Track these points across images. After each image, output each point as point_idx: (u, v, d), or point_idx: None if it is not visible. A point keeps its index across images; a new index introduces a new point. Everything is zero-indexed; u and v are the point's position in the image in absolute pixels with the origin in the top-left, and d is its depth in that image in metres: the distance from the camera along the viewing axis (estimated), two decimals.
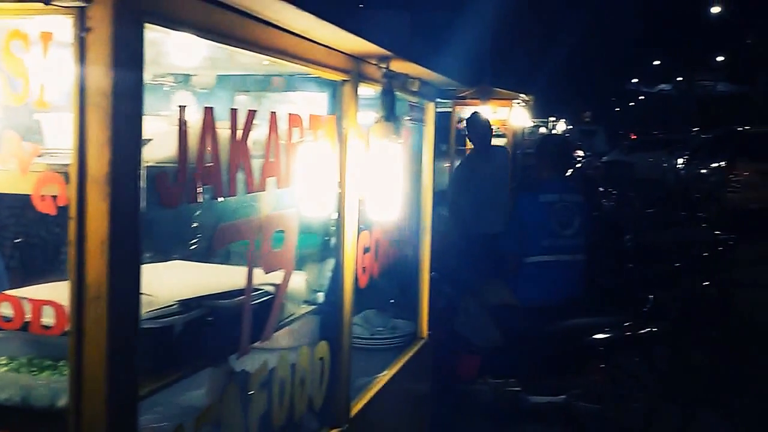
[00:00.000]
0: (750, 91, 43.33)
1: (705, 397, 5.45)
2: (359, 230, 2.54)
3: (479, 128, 6.82)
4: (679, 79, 47.97)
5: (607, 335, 4.49)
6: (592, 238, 7.43)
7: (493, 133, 7.38)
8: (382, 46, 2.17)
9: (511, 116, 9.57)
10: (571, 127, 35.93)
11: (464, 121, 7.11)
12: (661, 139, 27.43)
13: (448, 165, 9.94)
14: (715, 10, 40.32)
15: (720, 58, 47.85)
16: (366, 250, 2.62)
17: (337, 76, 2.24)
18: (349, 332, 2.41)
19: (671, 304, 5.47)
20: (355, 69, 2.30)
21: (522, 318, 4.62)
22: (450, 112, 9.80)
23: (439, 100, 10.31)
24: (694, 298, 6.96)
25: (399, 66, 2.48)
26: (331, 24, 1.83)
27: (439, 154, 11.67)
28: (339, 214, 2.30)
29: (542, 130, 21.00)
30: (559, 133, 22.79)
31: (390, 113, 2.39)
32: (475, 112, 7.25)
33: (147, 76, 2.26)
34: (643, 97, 51.66)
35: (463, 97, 9.07)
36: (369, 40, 2.06)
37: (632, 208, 9.32)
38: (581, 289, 4.74)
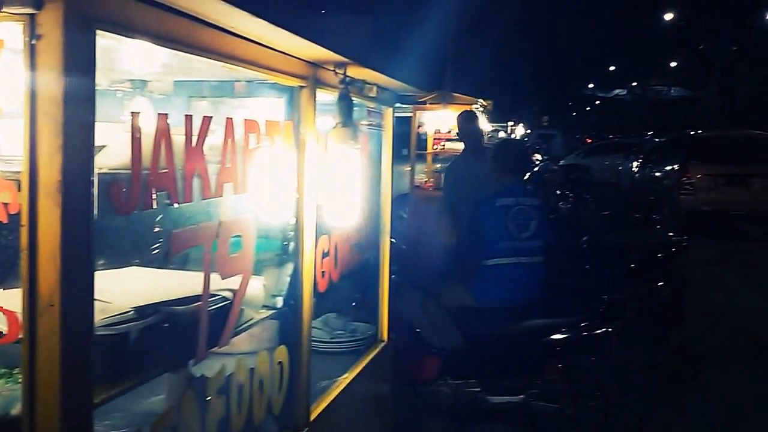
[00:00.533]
0: (702, 95, 44.26)
1: (661, 394, 5.56)
2: (318, 235, 2.54)
3: (471, 127, 6.61)
4: (633, 84, 48.85)
5: (565, 335, 4.55)
6: (549, 240, 7.54)
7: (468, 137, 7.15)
8: (338, 53, 2.17)
9: None
10: (530, 131, 36.36)
11: (457, 121, 6.86)
12: (616, 142, 27.88)
13: (408, 169, 9.99)
14: (669, 16, 41.12)
15: (673, 64, 48.80)
16: (325, 255, 2.63)
17: (294, 82, 2.24)
18: (309, 336, 2.42)
19: (626, 304, 5.57)
20: (313, 75, 2.31)
21: (481, 319, 4.65)
22: (410, 116, 9.86)
23: (398, 105, 10.29)
24: (648, 298, 7.11)
25: (356, 72, 2.49)
26: (287, 31, 1.84)
27: (399, 158, 11.73)
28: (297, 219, 2.30)
29: (501, 134, 21.20)
30: (517, 137, 23.00)
31: (347, 119, 2.40)
32: (467, 110, 7.08)
33: (104, 82, 2.25)
34: (599, 102, 52.50)
35: (423, 102, 9.15)
36: (325, 47, 2.07)
37: (588, 210, 9.46)
38: (539, 291, 4.79)
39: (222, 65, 1.85)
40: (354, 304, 3.66)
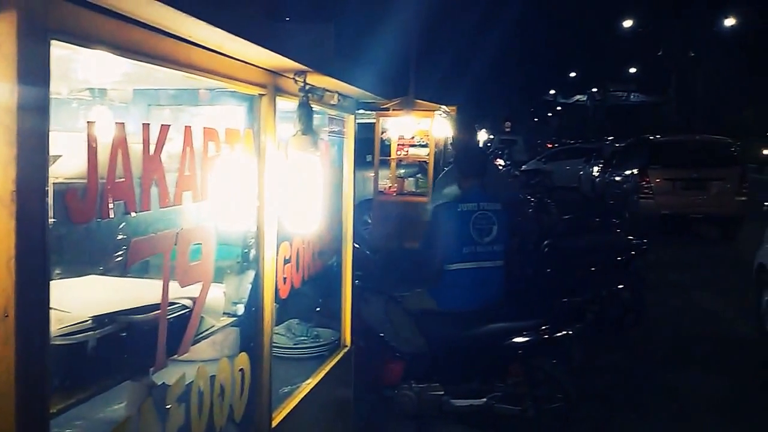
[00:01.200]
0: (661, 101, 45.04)
1: (620, 394, 5.65)
2: (280, 241, 2.54)
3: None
4: (594, 90, 49.57)
5: (526, 339, 4.60)
6: (511, 244, 7.61)
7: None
8: (297, 61, 2.18)
9: (433, 127, 9.71)
10: (493, 136, 36.63)
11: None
12: (577, 148, 28.31)
13: (372, 174, 10.01)
14: (628, 24, 41.81)
15: (632, 70, 49.61)
16: (287, 261, 2.63)
17: (253, 90, 2.24)
18: (270, 343, 2.42)
19: (586, 306, 5.64)
20: (272, 83, 2.31)
21: (444, 323, 4.68)
22: (374, 123, 9.88)
23: (362, 111, 10.31)
24: (608, 300, 7.22)
25: (316, 80, 2.50)
26: (244, 40, 1.84)
27: (363, 163, 11.73)
28: (258, 226, 2.30)
29: None
30: (480, 142, 23.18)
31: (307, 126, 2.41)
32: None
33: (63, 91, 2.22)
34: (560, 108, 53.14)
35: (387, 109, 9.17)
36: (283, 55, 2.08)
37: (550, 215, 9.55)
38: (501, 295, 4.84)
39: (181, 74, 1.85)
40: (318, 309, 3.66)
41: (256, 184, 2.26)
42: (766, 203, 6.81)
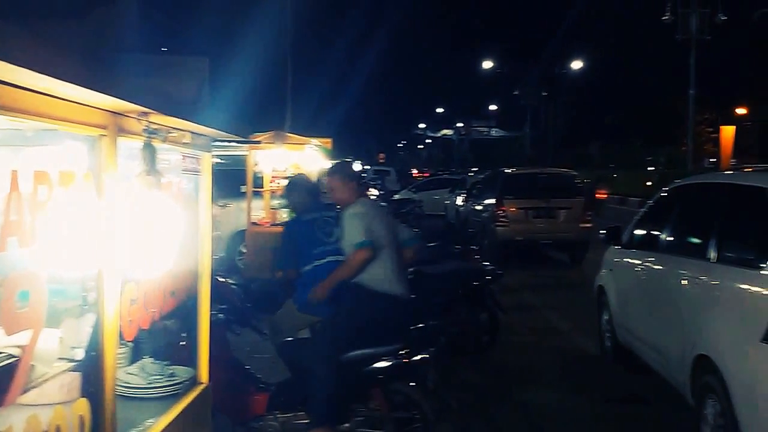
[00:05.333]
0: (518, 135, 47.19)
1: (476, 412, 5.75)
2: (126, 282, 2.41)
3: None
4: (459, 124, 51.31)
5: (386, 364, 4.60)
6: None
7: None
8: (136, 103, 2.08)
9: (304, 159, 9.70)
10: (368, 167, 37.07)
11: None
12: (444, 178, 29.11)
13: (245, 205, 9.83)
14: (488, 65, 43.65)
15: (493, 107, 51.78)
16: (134, 302, 2.49)
17: (93, 132, 2.12)
18: (113, 386, 2.26)
19: (443, 330, 5.72)
20: (114, 123, 2.19)
21: (306, 353, 4.61)
22: (246, 155, 9.75)
23: (234, 143, 10.01)
24: (467, 322, 7.39)
25: (162, 120, 2.40)
26: (77, 85, 1.73)
27: (238, 194, 11.44)
28: (98, 269, 2.16)
29: None
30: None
31: (151, 167, 2.30)
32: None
33: None
34: (429, 141, 54.61)
35: (258, 142, 9.06)
36: (121, 98, 1.97)
37: None
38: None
39: (8, 119, 1.71)
40: (183, 344, 3.50)
41: (97, 225, 2.12)
42: (602, 231, 7.18)
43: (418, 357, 4.64)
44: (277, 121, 11.00)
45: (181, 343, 3.51)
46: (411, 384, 4.68)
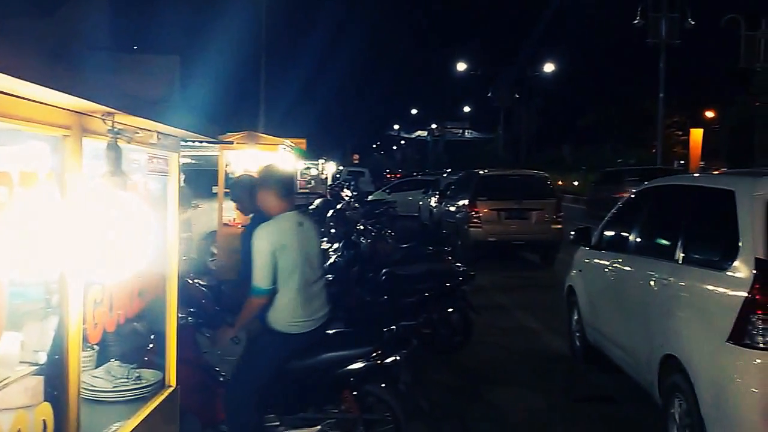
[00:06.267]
0: (491, 137, 47.43)
1: (448, 413, 5.76)
2: (90, 285, 2.37)
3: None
4: (433, 126, 51.44)
5: (358, 365, 4.58)
6: (351, 273, 7.63)
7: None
8: (100, 104, 2.05)
9: (277, 159, 9.63)
10: (342, 168, 36.99)
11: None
12: (418, 179, 29.14)
13: (217, 206, 9.75)
14: (462, 67, 43.84)
15: (467, 109, 51.99)
16: (98, 305, 2.45)
17: (56, 132, 2.08)
18: (77, 390, 2.22)
19: (415, 331, 5.72)
20: (78, 124, 2.15)
21: (278, 353, 4.58)
22: (218, 155, 9.67)
23: (206, 143, 9.91)
24: (439, 323, 7.39)
25: (128, 120, 2.36)
26: (38, 85, 1.69)
27: (210, 195, 11.34)
28: (61, 271, 2.12)
29: (313, 171, 21.38)
30: (327, 173, 23.33)
31: (116, 167, 2.26)
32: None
33: None
34: (403, 142, 54.66)
35: (230, 142, 8.99)
36: (84, 98, 1.94)
37: (388, 243, 9.68)
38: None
39: None
40: (150, 347, 3.46)
41: (60, 227, 2.08)
42: (572, 232, 7.23)
43: (390, 359, 4.64)
44: (250, 121, 10.92)
45: (149, 345, 3.47)
46: (382, 385, 4.68)
